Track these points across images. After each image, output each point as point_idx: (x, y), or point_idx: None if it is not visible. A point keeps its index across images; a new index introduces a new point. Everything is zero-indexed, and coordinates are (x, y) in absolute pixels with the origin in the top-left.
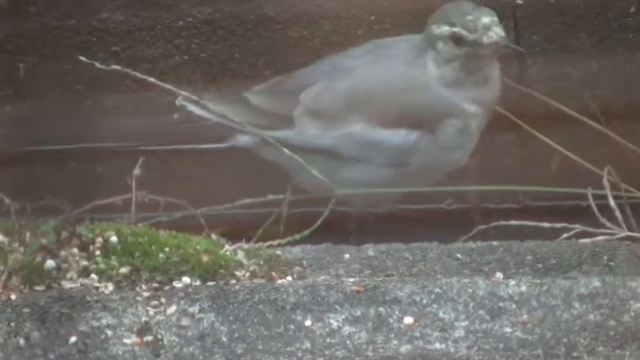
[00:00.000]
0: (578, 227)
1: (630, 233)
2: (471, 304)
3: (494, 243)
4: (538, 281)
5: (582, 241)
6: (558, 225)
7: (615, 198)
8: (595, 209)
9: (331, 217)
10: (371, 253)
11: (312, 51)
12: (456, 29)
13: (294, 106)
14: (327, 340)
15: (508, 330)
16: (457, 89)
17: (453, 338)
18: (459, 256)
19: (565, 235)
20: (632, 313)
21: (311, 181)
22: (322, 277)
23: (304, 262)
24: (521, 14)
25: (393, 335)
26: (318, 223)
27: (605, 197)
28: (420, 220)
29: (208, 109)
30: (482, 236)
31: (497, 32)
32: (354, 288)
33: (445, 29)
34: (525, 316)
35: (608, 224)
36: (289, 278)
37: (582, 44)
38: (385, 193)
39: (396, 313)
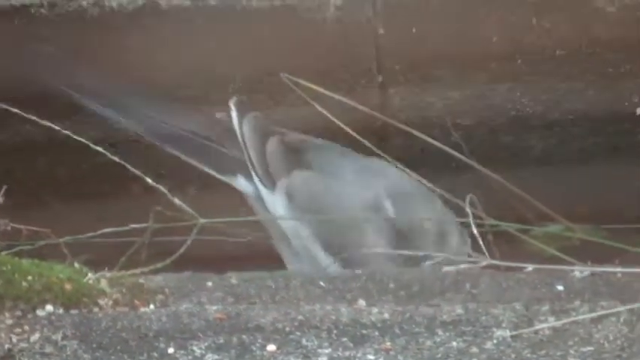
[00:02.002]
0: (441, 255)
1: (493, 261)
2: (334, 332)
3: (357, 271)
4: (401, 309)
5: (446, 268)
6: (420, 252)
7: (478, 226)
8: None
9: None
10: (234, 281)
11: None
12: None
13: (285, 174)
14: None
15: (371, 357)
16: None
17: None
18: (322, 283)
19: (428, 262)
20: (495, 340)
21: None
22: (185, 305)
23: (167, 289)
24: (383, 43)
25: None
26: (181, 250)
27: (468, 225)
28: None
29: (242, 128)
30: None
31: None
32: (217, 316)
33: None
34: (388, 344)
35: (471, 252)
36: (152, 306)
37: (445, 74)
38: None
39: (259, 340)
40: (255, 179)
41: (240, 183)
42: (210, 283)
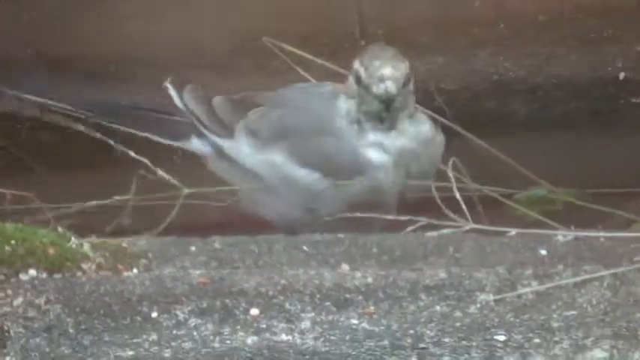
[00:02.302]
0: (423, 220)
1: (475, 225)
2: (317, 296)
3: (340, 235)
4: (384, 273)
5: (428, 233)
6: (403, 217)
7: (461, 191)
8: (439, 202)
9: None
10: (217, 245)
11: None
12: (359, 68)
13: (239, 120)
14: (174, 332)
15: (355, 321)
16: (361, 132)
17: (299, 329)
18: (305, 248)
19: (410, 227)
20: (478, 305)
21: (245, 200)
22: (168, 270)
23: (150, 254)
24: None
25: (239, 327)
26: (168, 220)
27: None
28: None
29: (184, 101)
30: (329, 228)
31: (388, 86)
32: (200, 280)
33: (356, 64)
34: (372, 308)
35: (454, 216)
36: (135, 270)
37: (427, 39)
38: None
39: (243, 304)
40: (210, 135)
41: (195, 144)
42: (193, 248)
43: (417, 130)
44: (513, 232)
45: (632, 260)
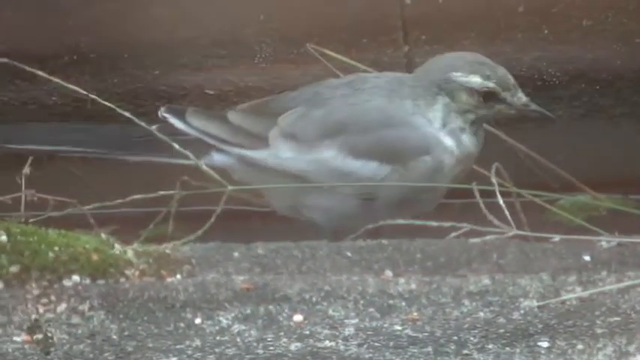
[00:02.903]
0: (467, 226)
1: (519, 231)
2: (361, 302)
3: (384, 241)
4: (428, 279)
5: (472, 239)
6: (447, 224)
7: (504, 196)
8: (483, 207)
9: (225, 215)
10: (260, 251)
11: None
12: (491, 84)
13: (270, 127)
14: (217, 338)
15: (398, 327)
16: (447, 130)
17: (342, 336)
18: (348, 254)
19: (454, 233)
20: (522, 311)
21: (283, 204)
22: (212, 275)
23: (193, 260)
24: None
25: (282, 333)
26: (212, 220)
27: (494, 195)
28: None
29: (189, 124)
30: (373, 235)
31: (522, 94)
32: (243, 286)
33: (476, 81)
34: (415, 314)
35: (497, 222)
36: (179, 276)
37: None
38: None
39: (286, 310)
40: (234, 149)
41: (217, 159)
42: (236, 254)
43: (480, 140)
44: (557, 238)
45: None
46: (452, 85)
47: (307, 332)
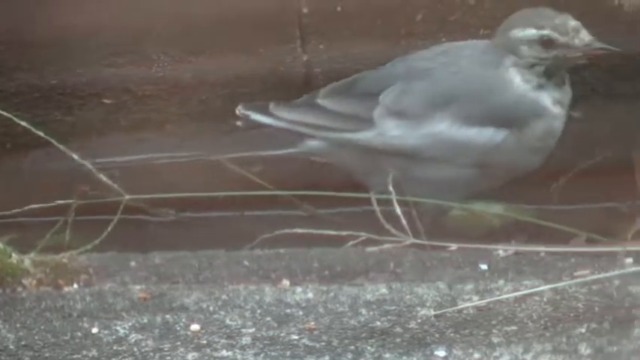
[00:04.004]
0: (364, 235)
1: (416, 240)
2: (258, 311)
3: (281, 250)
4: (325, 288)
5: (369, 248)
6: (344, 232)
7: (401, 204)
8: (380, 216)
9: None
10: (157, 260)
11: None
12: (546, 32)
13: (373, 107)
14: (114, 348)
15: (295, 337)
16: (540, 91)
17: (239, 345)
18: (245, 263)
19: (351, 242)
20: (419, 320)
21: (384, 184)
22: (109, 285)
23: (90, 269)
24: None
25: (179, 343)
26: (109, 230)
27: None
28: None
29: (276, 117)
30: (270, 244)
31: (586, 35)
32: (140, 295)
33: (532, 32)
34: (312, 323)
35: (394, 231)
36: (76, 286)
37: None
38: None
39: (183, 320)
40: (335, 134)
41: (312, 145)
42: (133, 263)
43: (569, 90)
44: (454, 246)
45: (572, 275)
46: (513, 42)
47: (204, 342)
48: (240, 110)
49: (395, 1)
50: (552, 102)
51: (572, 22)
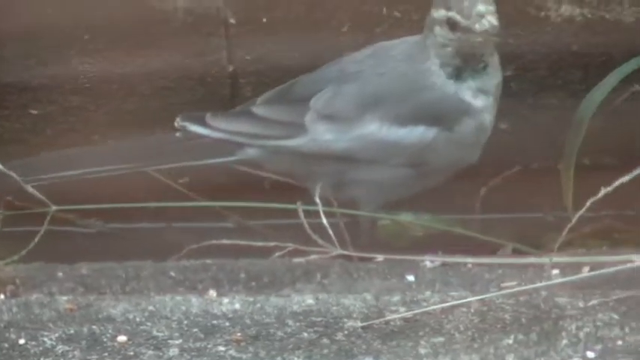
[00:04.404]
0: (291, 245)
1: (343, 251)
2: (185, 322)
3: (208, 261)
4: (252, 299)
5: (296, 259)
6: (271, 243)
7: (328, 215)
8: (307, 227)
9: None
10: (84, 271)
11: None
12: (451, 14)
13: (304, 112)
14: (41, 359)
15: (222, 348)
16: (460, 80)
17: (167, 356)
18: (172, 274)
19: (278, 253)
20: (346, 331)
21: (323, 185)
22: (35, 296)
23: (17, 280)
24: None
25: (106, 354)
26: (35, 241)
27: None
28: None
29: (212, 127)
30: (197, 255)
31: (490, 21)
32: (67, 306)
33: (442, 13)
34: (239, 334)
35: (321, 242)
36: (2, 296)
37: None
38: None
39: (110, 331)
40: (269, 142)
41: (249, 153)
42: (60, 274)
43: (498, 64)
44: (380, 257)
45: (499, 286)
46: (430, 23)
47: (131, 353)
48: (178, 122)
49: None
50: (473, 94)
51: (481, 7)
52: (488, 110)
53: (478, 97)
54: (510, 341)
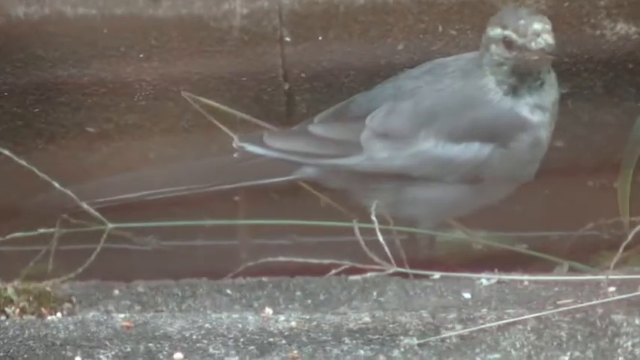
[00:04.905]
0: (347, 263)
1: (399, 269)
2: (241, 340)
3: (264, 279)
4: (308, 317)
5: (351, 277)
6: (327, 261)
7: (384, 232)
8: (363, 244)
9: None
10: (141, 289)
11: None
12: (507, 32)
13: (360, 130)
14: None
15: None
16: (516, 97)
17: None
18: (228, 291)
19: (334, 271)
20: (402, 349)
21: (380, 203)
22: (92, 313)
23: (74, 298)
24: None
25: None
26: (92, 258)
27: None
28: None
29: (270, 147)
30: (254, 272)
31: (546, 39)
32: (124, 324)
33: (498, 32)
34: (295, 352)
35: (377, 259)
36: (59, 314)
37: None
38: None
39: (166, 348)
40: (325, 161)
41: (306, 172)
42: (117, 291)
43: (555, 81)
44: (437, 275)
45: (555, 303)
46: (486, 41)
47: None
48: (236, 142)
49: None
50: (530, 110)
51: (537, 25)
52: (545, 126)
53: (535, 112)
54: (566, 358)
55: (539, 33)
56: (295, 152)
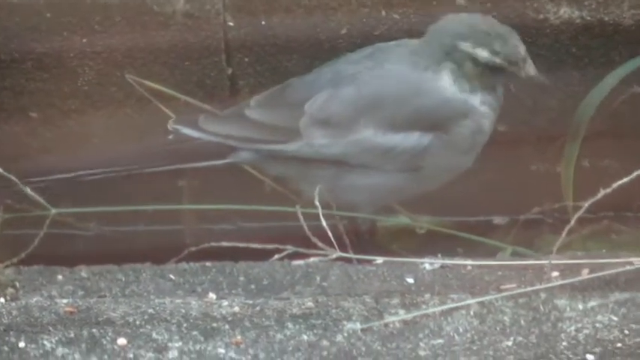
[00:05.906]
0: (290, 248)
1: (342, 254)
2: (185, 325)
3: (208, 264)
4: (251, 302)
5: (295, 262)
6: (270, 246)
7: (327, 218)
8: (307, 229)
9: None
10: (84, 274)
11: None
12: (498, 61)
13: (299, 116)
14: None
15: (222, 351)
16: (469, 94)
17: (167, 359)
18: (171, 276)
19: (277, 255)
20: (345, 334)
21: (322, 191)
22: (35, 299)
23: (17, 283)
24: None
25: (106, 357)
26: (35, 243)
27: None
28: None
29: (205, 131)
30: (197, 257)
31: (531, 67)
32: (67, 309)
33: (484, 55)
34: (239, 337)
35: (321, 245)
36: (2, 300)
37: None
38: None
39: (110, 334)
40: (262, 147)
41: (243, 156)
42: (60, 277)
43: (500, 96)
44: (380, 260)
45: (498, 288)
46: (459, 54)
47: (131, 356)
48: (170, 124)
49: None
50: (480, 102)
51: (522, 51)
52: (489, 118)
53: (483, 105)
54: (510, 343)
55: (525, 59)
56: (231, 136)
